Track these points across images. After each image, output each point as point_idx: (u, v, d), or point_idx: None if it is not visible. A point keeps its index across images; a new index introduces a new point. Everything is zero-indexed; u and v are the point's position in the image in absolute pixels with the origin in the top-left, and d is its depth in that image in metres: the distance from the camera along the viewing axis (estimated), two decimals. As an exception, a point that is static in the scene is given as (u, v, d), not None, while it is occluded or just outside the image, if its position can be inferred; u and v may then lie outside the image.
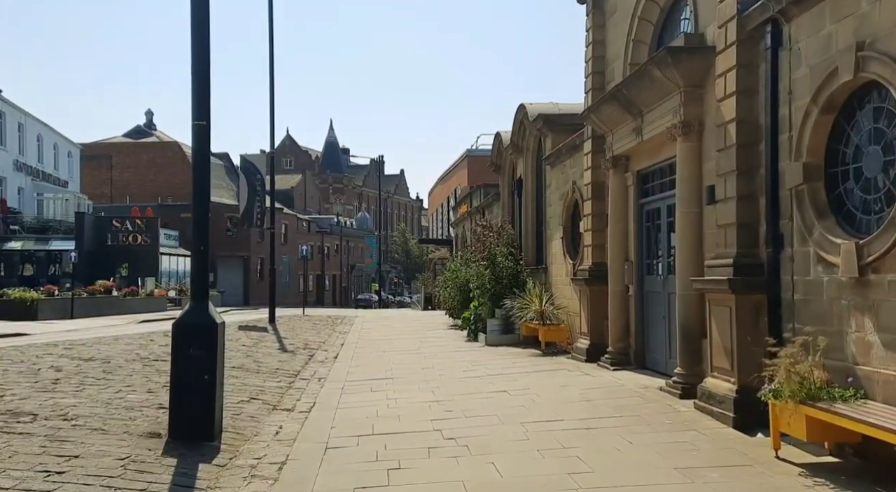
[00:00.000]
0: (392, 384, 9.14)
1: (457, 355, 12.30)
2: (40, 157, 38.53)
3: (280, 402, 7.96)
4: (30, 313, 22.95)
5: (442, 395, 8.17)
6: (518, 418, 6.70)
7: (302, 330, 17.95)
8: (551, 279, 13.63)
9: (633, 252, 9.40)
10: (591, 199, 10.58)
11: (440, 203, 45.85)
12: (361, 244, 73.24)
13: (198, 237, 6.11)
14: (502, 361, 11.12)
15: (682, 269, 7.41)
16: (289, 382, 9.41)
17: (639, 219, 9.34)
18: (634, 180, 9.37)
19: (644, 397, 7.39)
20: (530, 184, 15.80)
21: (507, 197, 18.65)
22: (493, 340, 13.99)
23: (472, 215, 25.23)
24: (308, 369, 10.74)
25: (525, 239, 15.84)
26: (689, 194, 7.38)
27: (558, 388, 8.28)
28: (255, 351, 12.35)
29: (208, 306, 6.05)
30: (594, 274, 10.35)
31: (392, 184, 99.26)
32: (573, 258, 12.20)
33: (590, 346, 10.29)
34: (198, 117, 6.08)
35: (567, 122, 13.34)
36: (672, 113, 7.56)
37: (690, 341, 7.25)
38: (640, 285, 9.31)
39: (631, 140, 8.93)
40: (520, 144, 16.01)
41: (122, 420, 6.24)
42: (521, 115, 15.22)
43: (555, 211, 13.39)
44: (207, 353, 5.90)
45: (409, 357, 12.19)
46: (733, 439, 5.67)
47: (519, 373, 9.65)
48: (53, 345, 11.99)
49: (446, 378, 9.53)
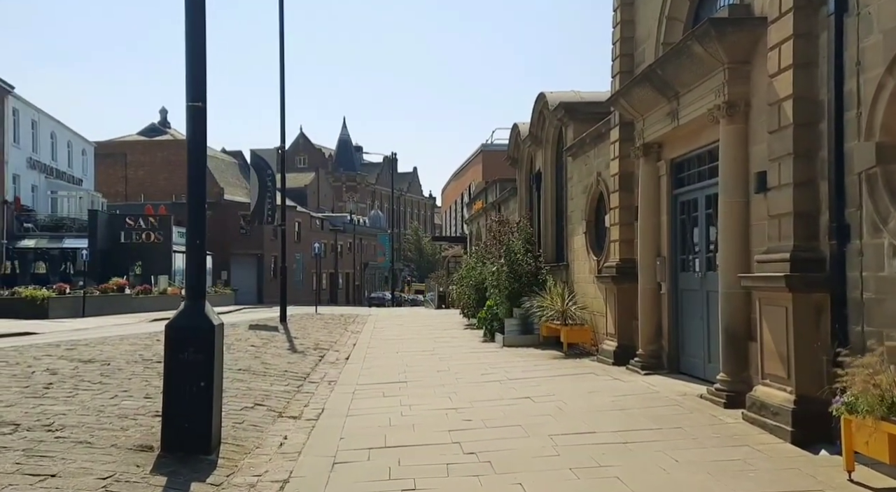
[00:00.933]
0: (406, 389, 8.55)
1: (473, 357, 11.69)
2: (54, 154, 38.37)
3: (286, 408, 7.39)
4: (41, 312, 22.65)
5: (460, 401, 7.56)
6: (545, 429, 6.07)
7: (313, 329, 17.42)
8: (573, 277, 12.97)
9: (666, 247, 8.72)
10: (618, 191, 9.91)
11: (454, 200, 45.23)
12: (374, 242, 72.83)
13: (193, 230, 5.54)
14: (522, 364, 10.49)
15: (725, 265, 6.73)
16: (297, 385, 8.85)
17: (672, 211, 8.66)
18: (668, 169, 8.68)
19: (683, 405, 6.72)
20: (550, 177, 15.13)
21: (524, 191, 17.98)
22: (510, 341, 13.36)
23: (487, 212, 24.58)
24: (318, 372, 10.18)
25: (544, 235, 15.18)
26: (733, 182, 6.69)
27: (586, 394, 7.63)
28: (264, 352, 11.81)
29: (205, 306, 5.48)
30: (622, 271, 9.68)
31: (405, 182, 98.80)
32: (597, 254, 11.53)
33: (617, 348, 9.62)
34: (193, 98, 5.51)
35: (590, 110, 12.67)
36: (714, 93, 6.88)
37: (735, 345, 6.58)
38: (673, 283, 8.63)
39: (665, 125, 8.25)
40: (539, 136, 15.33)
41: (113, 431, 5.69)
42: (541, 104, 14.55)
43: (577, 205, 12.72)
44: (204, 358, 5.33)
45: (424, 359, 11.60)
46: (794, 457, 5.00)
47: (542, 377, 9.01)
48: (55, 345, 11.53)
49: (463, 382, 8.92)
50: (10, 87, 32.46)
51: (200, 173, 5.58)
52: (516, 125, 17.26)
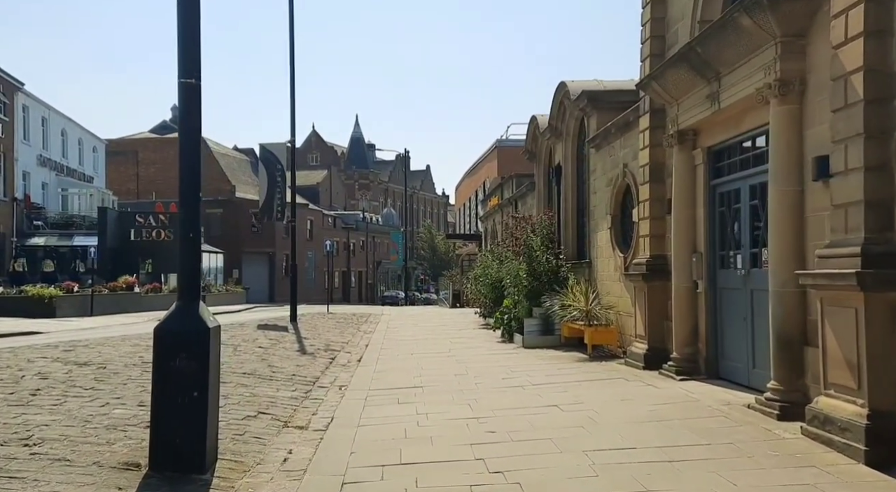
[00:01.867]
0: (422, 395, 7.94)
1: (492, 359, 11.07)
2: (64, 152, 38.20)
3: (293, 417, 6.81)
4: (48, 311, 22.31)
5: (481, 409, 6.95)
6: (578, 443, 5.44)
7: (324, 329, 16.88)
8: (596, 275, 12.30)
9: (703, 242, 8.04)
10: (648, 182, 9.24)
11: (468, 197, 44.58)
12: (387, 240, 72.37)
13: (186, 222, 4.96)
14: (545, 367, 9.85)
15: (776, 261, 6.06)
16: (305, 391, 8.27)
17: (710, 203, 7.97)
18: (705, 158, 8.00)
19: (730, 417, 6.06)
20: (570, 171, 14.46)
21: (542, 186, 17.32)
22: (530, 342, 12.73)
23: (502, 208, 23.94)
24: (328, 375, 9.61)
25: (564, 231, 14.51)
26: (786, 169, 6.02)
27: (619, 402, 6.99)
28: (272, 353, 11.26)
29: (199, 307, 4.90)
30: (653, 268, 9.01)
31: (418, 179, 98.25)
32: (624, 251, 10.86)
33: (648, 351, 8.96)
34: (186, 74, 4.93)
35: (615, 99, 12.01)
36: (763, 71, 6.20)
37: (789, 350, 5.91)
38: (711, 281, 7.95)
39: (703, 110, 7.57)
40: (559, 128, 14.67)
41: (97, 445, 5.13)
42: (561, 94, 13.88)
43: (601, 199, 12.05)
44: (197, 365, 4.76)
45: (440, 361, 10.99)
46: (873, 481, 4.33)
47: (568, 382, 8.37)
48: (53, 346, 11.05)
49: (483, 388, 8.30)
50: (19, 83, 32.25)
51: (194, 159, 5.00)
52: (534, 117, 16.60)
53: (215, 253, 44.70)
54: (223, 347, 11.66)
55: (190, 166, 4.96)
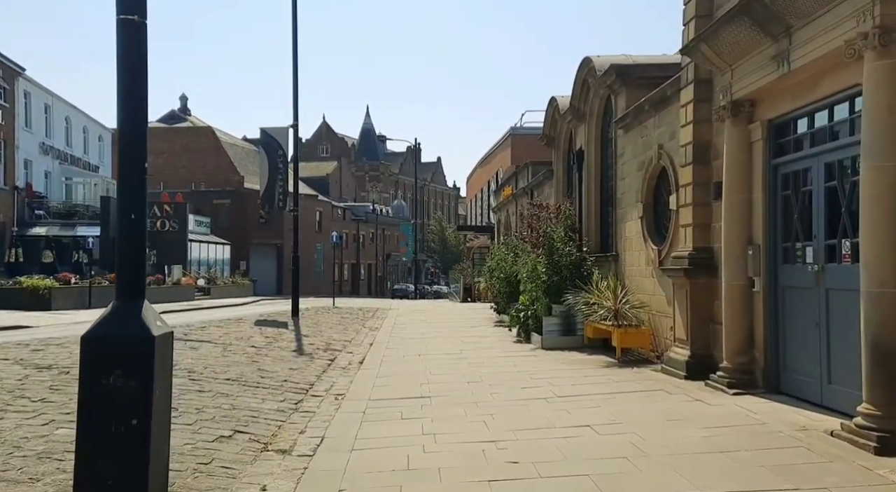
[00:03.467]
0: (430, 408, 6.83)
1: (509, 363, 9.94)
2: (68, 140, 37.33)
3: (275, 436, 5.72)
4: (43, 303, 21.44)
5: (499, 429, 5.83)
6: (626, 484, 4.31)
7: (327, 325, 15.82)
8: (624, 269, 11.12)
9: (761, 232, 6.85)
10: (691, 164, 8.03)
11: (480, 188, 43.37)
12: (397, 233, 71.33)
13: (126, 199, 3.85)
14: (570, 374, 8.71)
15: (872, 255, 4.87)
16: (296, 401, 7.18)
17: (770, 186, 6.78)
18: (764, 133, 6.80)
19: (813, 448, 4.88)
20: (594, 155, 13.26)
21: (561, 174, 16.13)
22: (550, 343, 11.58)
23: (517, 198, 22.75)
24: (324, 381, 8.52)
25: (587, 222, 13.32)
26: (884, 140, 4.82)
27: (665, 423, 5.83)
28: (265, 354, 10.19)
29: (142, 308, 3.80)
30: (696, 262, 7.83)
31: (429, 172, 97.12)
32: (658, 243, 9.67)
33: (690, 358, 7.78)
34: (124, 9, 3.81)
35: (647, 74, 10.80)
36: (856, 18, 4.99)
37: (890, 365, 4.72)
38: (771, 278, 6.76)
39: (765, 74, 6.37)
40: (581, 109, 13.45)
41: (18, 482, 4.06)
42: (585, 71, 12.65)
43: (630, 185, 10.85)
44: (138, 384, 3.66)
45: (450, 364, 9.88)
46: None
47: (600, 394, 7.22)
48: (24, 344, 10.05)
49: (501, 400, 7.17)
50: (20, 68, 31.36)
51: (137, 118, 3.88)
52: (554, 99, 15.38)
53: (222, 245, 43.83)
54: (210, 348, 10.70)
55: (131, 128, 3.84)
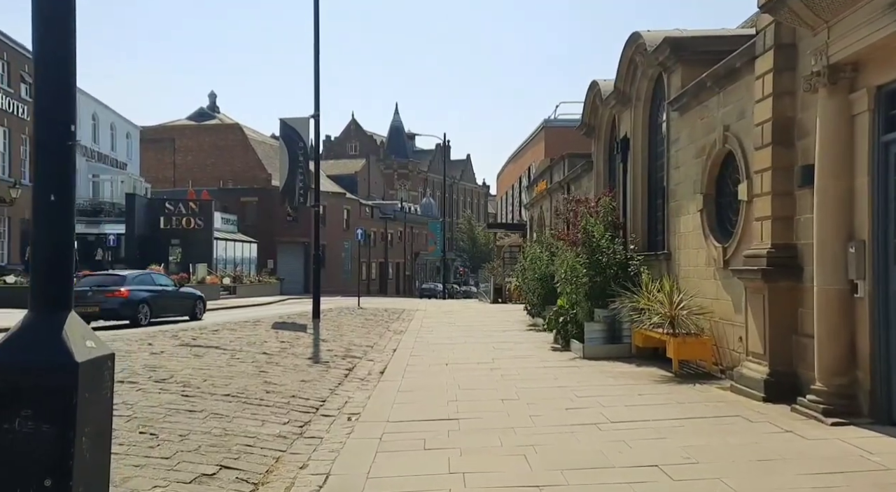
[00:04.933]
0: (459, 435, 5.72)
1: (548, 376, 8.77)
2: (96, 137, 37.20)
3: (269, 474, 4.67)
4: (62, 301, 20.84)
5: (543, 467, 4.70)
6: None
7: (349, 328, 14.81)
8: (677, 270, 9.86)
9: (867, 226, 5.58)
10: (769, 145, 6.77)
11: (510, 184, 42.10)
12: (425, 231, 70.38)
13: (45, 171, 2.83)
14: (621, 391, 7.52)
15: None
16: (302, 423, 6.14)
17: (879, 168, 5.50)
18: (872, 103, 5.53)
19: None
20: (640, 143, 11.99)
21: (602, 165, 14.86)
22: (592, 352, 10.39)
23: (551, 193, 21.51)
24: (339, 396, 7.47)
25: (632, 217, 12.07)
26: None
27: (757, 466, 4.61)
28: (276, 363, 9.20)
29: (64, 323, 2.77)
30: (776, 262, 6.57)
31: (458, 169, 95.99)
32: (722, 240, 8.41)
33: (769, 376, 6.53)
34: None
35: (706, 47, 9.54)
36: None
37: None
38: (880, 282, 5.49)
39: (877, 28, 5.11)
40: (627, 92, 12.19)
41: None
42: (633, 48, 11.38)
43: (686, 174, 9.59)
44: (55, 429, 2.65)
45: (482, 377, 8.75)
46: None
47: (663, 420, 6.02)
48: None
49: (542, 425, 6.02)
50: (46, 64, 31.20)
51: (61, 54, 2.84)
52: (595, 83, 14.12)
53: (249, 243, 43.37)
54: (216, 356, 9.70)
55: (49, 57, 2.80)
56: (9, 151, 29.86)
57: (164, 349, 9.59)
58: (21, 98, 29.79)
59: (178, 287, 19.21)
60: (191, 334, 11.87)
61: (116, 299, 15.81)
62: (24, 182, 29.76)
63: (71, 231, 2.87)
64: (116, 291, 16.00)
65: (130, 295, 16.11)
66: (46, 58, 2.77)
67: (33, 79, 2.84)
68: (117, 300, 15.80)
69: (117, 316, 15.84)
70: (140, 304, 16.21)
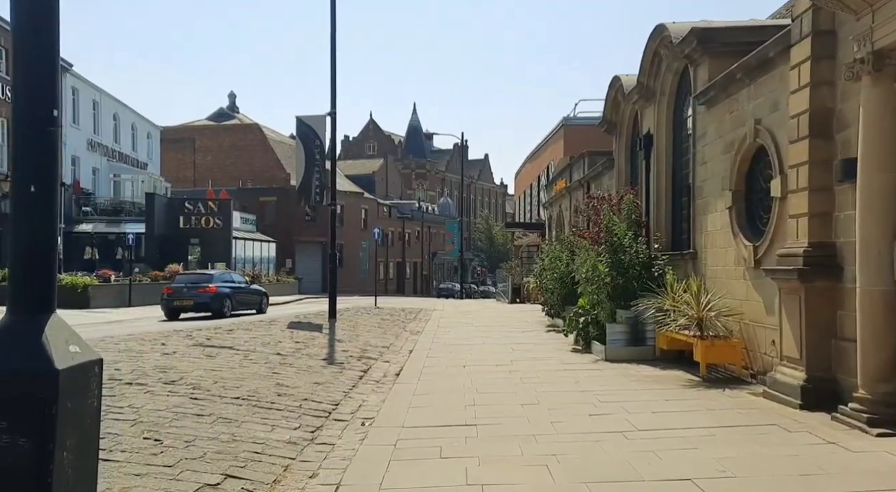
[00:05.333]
0: (477, 442, 5.44)
1: (569, 379, 8.45)
2: (116, 137, 37.45)
3: (276, 484, 4.44)
4: (81, 301, 21.03)
5: (567, 480, 4.42)
6: None
7: (365, 328, 14.60)
8: (705, 270, 9.49)
9: (916, 223, 5.20)
10: (806, 138, 6.40)
11: (528, 183, 41.68)
12: (443, 231, 70.17)
13: (26, 160, 2.60)
14: (647, 396, 7.18)
15: None
16: (314, 427, 5.91)
17: (930, 161, 5.13)
18: (922, 91, 5.15)
19: None
20: (664, 139, 11.61)
21: (624, 163, 14.48)
22: (615, 354, 10.05)
23: (571, 192, 21.13)
24: (353, 399, 7.24)
25: (656, 215, 11.70)
26: None
27: (802, 483, 4.27)
28: (289, 364, 8.99)
29: (45, 327, 2.54)
30: (814, 262, 6.20)
31: (476, 169, 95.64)
32: (752, 238, 8.03)
33: (806, 382, 6.16)
34: None
35: (736, 38, 9.17)
36: None
37: None
38: (931, 283, 5.11)
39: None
40: (651, 86, 11.81)
41: None
42: (658, 40, 11.00)
43: (713, 170, 9.21)
44: (32, 443, 2.42)
45: (500, 379, 8.46)
46: None
47: (693, 429, 5.68)
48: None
49: (565, 432, 5.72)
50: (67, 64, 31.41)
51: (41, 28, 2.61)
52: (617, 78, 13.74)
53: (268, 242, 43.44)
54: (229, 357, 9.50)
55: (27, 30, 2.57)
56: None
57: (177, 349, 9.44)
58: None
59: (249, 284, 21.81)
60: (205, 334, 11.73)
61: (207, 294, 18.36)
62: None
63: (54, 226, 2.64)
64: (207, 287, 18.58)
65: (217, 291, 18.66)
66: (24, 32, 2.54)
67: (12, 57, 2.62)
68: (208, 295, 18.36)
69: (207, 308, 18.25)
70: (225, 298, 18.86)
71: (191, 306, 18.10)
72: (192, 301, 18.12)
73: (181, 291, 18.27)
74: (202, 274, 20.67)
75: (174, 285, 18.92)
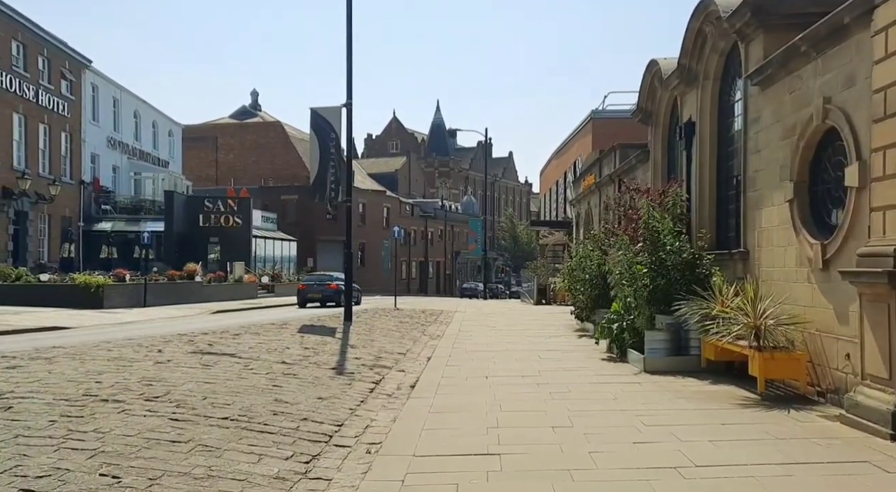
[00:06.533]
0: (500, 478, 4.52)
1: (605, 395, 7.46)
2: (137, 134, 37.21)
3: (252, 539, 3.55)
4: (95, 301, 20.53)
5: (617, 539, 3.45)
6: None
7: (381, 332, 13.74)
8: (758, 271, 8.42)
9: None
10: (894, 115, 5.34)
11: (554, 180, 40.53)
12: (466, 229, 69.21)
13: None
14: (699, 418, 6.18)
15: None
16: (309, 457, 5.03)
17: None
18: None
19: None
20: (709, 127, 10.55)
21: (660, 155, 13.41)
22: (654, 365, 9.04)
23: (600, 188, 20.05)
24: (360, 417, 6.36)
25: (698, 210, 10.65)
26: None
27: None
28: (293, 375, 8.15)
29: None
30: (907, 264, 5.15)
31: (500, 167, 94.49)
32: (820, 235, 6.97)
33: (900, 408, 5.11)
34: None
35: (796, 9, 8.07)
36: None
37: None
38: None
39: None
40: (693, 69, 10.75)
41: None
42: (702, 16, 9.93)
43: (769, 159, 8.15)
44: None
45: (527, 395, 7.51)
46: None
47: (763, 465, 4.68)
48: (10, 356, 8.42)
49: (607, 467, 4.76)
50: (87, 61, 31.16)
51: None
52: (654, 61, 12.68)
53: (288, 241, 42.97)
54: (228, 365, 8.52)
55: None
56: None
57: (172, 358, 8.67)
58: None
59: None
60: (209, 339, 10.99)
61: (332, 290, 24.34)
62: (64, 179, 29.79)
63: None
64: (331, 284, 24.77)
65: (338, 287, 23.02)
66: None
67: None
68: (332, 291, 24.34)
69: (332, 300, 23.97)
70: (341, 293, 21.20)
71: (319, 298, 24.53)
72: (321, 295, 24.57)
73: (313, 288, 25.13)
74: (327, 275, 27.52)
75: (306, 283, 26.15)
